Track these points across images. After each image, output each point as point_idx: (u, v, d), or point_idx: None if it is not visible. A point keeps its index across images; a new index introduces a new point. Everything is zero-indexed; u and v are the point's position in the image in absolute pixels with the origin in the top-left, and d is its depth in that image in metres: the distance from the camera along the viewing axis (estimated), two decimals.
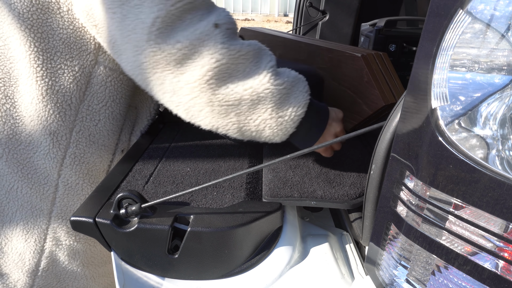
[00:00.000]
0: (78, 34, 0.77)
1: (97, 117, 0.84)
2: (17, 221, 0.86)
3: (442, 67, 0.42)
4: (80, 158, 0.84)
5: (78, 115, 0.81)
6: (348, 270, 0.69)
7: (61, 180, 0.84)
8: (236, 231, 0.62)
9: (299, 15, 2.21)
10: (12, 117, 0.80)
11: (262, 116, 0.65)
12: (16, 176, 0.83)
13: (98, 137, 0.85)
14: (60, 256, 0.89)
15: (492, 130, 0.39)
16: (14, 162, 0.82)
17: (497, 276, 0.40)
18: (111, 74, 0.82)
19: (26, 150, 0.82)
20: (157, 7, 0.59)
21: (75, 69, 0.78)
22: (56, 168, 0.83)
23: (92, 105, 0.82)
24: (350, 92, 0.98)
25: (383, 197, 0.53)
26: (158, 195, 0.68)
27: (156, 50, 0.60)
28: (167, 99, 0.66)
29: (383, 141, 0.54)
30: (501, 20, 0.37)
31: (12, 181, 0.83)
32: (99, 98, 0.82)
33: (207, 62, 0.60)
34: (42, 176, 0.83)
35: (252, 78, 0.62)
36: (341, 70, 0.99)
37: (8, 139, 0.81)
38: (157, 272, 0.66)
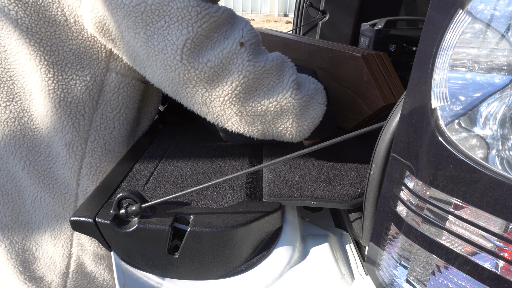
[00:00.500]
0: (87, 43, 0.77)
1: (112, 124, 0.84)
2: (44, 228, 0.88)
3: (442, 67, 0.42)
4: (96, 168, 0.83)
5: (92, 125, 0.82)
6: (348, 270, 0.69)
7: (80, 189, 0.84)
8: (236, 231, 0.62)
9: (299, 15, 2.21)
10: (31, 130, 0.81)
11: (284, 125, 0.72)
12: (39, 187, 0.83)
13: (114, 145, 0.85)
14: (86, 260, 0.90)
15: (492, 130, 0.39)
16: (36, 173, 0.83)
17: (497, 276, 0.40)
18: (123, 80, 0.82)
19: (46, 161, 0.83)
20: (186, 29, 0.63)
21: (87, 78, 0.78)
22: (75, 178, 0.83)
23: (106, 113, 0.82)
24: (350, 92, 0.98)
25: (383, 197, 0.53)
26: (158, 195, 0.69)
27: (190, 69, 0.64)
28: (197, 108, 0.72)
29: (383, 141, 0.54)
30: (501, 20, 0.37)
31: (35, 191, 0.84)
32: (112, 106, 0.83)
33: (236, 78, 0.65)
34: (62, 186, 0.84)
35: (276, 92, 0.68)
36: (341, 70, 0.99)
37: (28, 151, 0.82)
38: (157, 272, 0.66)
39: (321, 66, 1.06)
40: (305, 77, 0.75)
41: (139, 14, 0.64)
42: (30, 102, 0.80)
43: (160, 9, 0.63)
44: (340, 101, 1.02)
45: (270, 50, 1.21)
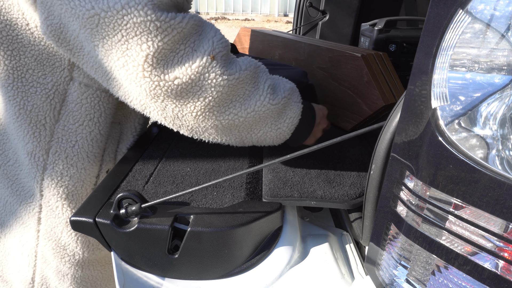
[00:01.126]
0: (50, 50, 0.73)
1: (74, 138, 0.78)
2: (14, 233, 0.86)
3: (442, 67, 0.42)
4: (58, 180, 0.79)
5: (53, 136, 0.77)
6: (348, 270, 0.69)
7: (43, 201, 0.80)
8: (236, 231, 0.62)
9: (299, 15, 2.21)
10: (1, 134, 0.80)
11: (262, 130, 0.70)
12: (7, 191, 0.82)
13: (77, 160, 0.79)
14: (50, 276, 0.87)
15: (492, 130, 0.39)
16: (5, 177, 0.82)
17: (497, 276, 0.40)
18: (86, 90, 0.76)
19: (13, 167, 0.81)
20: (145, 44, 0.57)
21: (48, 86, 0.74)
22: (38, 188, 0.79)
23: (68, 125, 0.77)
24: (350, 92, 0.98)
25: (383, 197, 0.53)
26: (158, 195, 0.68)
27: (156, 86, 0.59)
28: (169, 122, 0.67)
29: (383, 141, 0.54)
30: (501, 20, 0.37)
31: (5, 195, 0.83)
32: (75, 118, 0.77)
33: (209, 94, 0.61)
34: (28, 195, 0.81)
35: (253, 100, 0.66)
36: (341, 70, 0.99)
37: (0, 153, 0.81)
38: (157, 272, 0.66)
39: (321, 66, 1.06)
40: (277, 78, 0.73)
41: (94, 26, 0.58)
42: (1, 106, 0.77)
43: (114, 22, 0.56)
44: (340, 101, 1.02)
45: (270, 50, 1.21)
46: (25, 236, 0.85)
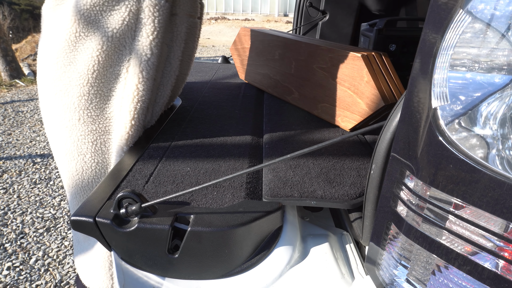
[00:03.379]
0: None
1: (149, 51, 0.88)
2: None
3: (442, 67, 0.42)
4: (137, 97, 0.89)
5: (132, 53, 0.88)
6: (348, 270, 0.69)
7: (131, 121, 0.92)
8: (236, 231, 0.62)
9: (299, 15, 2.21)
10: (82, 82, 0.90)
11: None
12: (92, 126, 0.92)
13: (152, 73, 0.90)
14: None
15: (492, 130, 0.39)
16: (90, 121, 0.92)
17: (497, 275, 0.40)
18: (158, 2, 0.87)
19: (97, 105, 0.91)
20: None
21: (122, 10, 0.84)
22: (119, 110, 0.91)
23: (142, 40, 0.87)
24: (350, 92, 0.98)
25: (383, 197, 0.53)
26: (158, 195, 0.68)
27: None
28: None
29: (383, 141, 0.54)
30: (501, 20, 0.37)
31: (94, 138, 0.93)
32: (147, 31, 0.87)
33: None
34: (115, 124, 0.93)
35: None
36: (342, 70, 0.99)
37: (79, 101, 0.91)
38: (157, 272, 0.66)
39: (322, 66, 1.06)
40: None
41: None
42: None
43: None
44: (340, 101, 1.02)
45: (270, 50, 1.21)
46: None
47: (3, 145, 3.48)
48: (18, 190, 2.74)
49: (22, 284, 1.88)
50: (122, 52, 0.86)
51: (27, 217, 2.42)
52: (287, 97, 1.25)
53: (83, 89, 0.88)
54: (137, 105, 0.89)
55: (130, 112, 0.89)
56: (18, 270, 1.97)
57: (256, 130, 1.00)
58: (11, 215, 2.44)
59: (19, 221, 2.38)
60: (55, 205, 2.57)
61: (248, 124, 1.04)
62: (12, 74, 5.68)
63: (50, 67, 0.90)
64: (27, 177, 2.92)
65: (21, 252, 2.11)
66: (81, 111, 0.89)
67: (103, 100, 0.90)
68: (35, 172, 3.01)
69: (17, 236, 2.24)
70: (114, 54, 0.86)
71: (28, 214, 2.45)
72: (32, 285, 1.88)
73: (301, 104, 1.19)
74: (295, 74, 1.19)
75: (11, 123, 4.01)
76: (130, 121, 0.89)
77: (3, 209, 2.50)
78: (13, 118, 4.17)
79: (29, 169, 3.04)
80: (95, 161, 0.94)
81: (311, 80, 1.12)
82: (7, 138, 3.64)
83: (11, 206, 2.54)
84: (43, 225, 2.35)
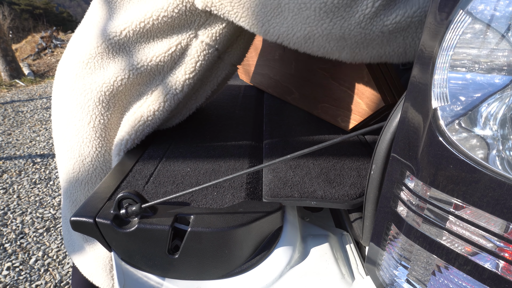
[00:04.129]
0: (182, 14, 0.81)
1: (180, 87, 0.88)
2: None
3: (443, 67, 0.42)
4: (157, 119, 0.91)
5: (163, 82, 0.88)
6: (348, 270, 0.69)
7: None
8: (236, 231, 0.62)
9: None
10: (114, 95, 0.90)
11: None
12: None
13: (175, 106, 0.91)
14: None
15: (493, 130, 0.39)
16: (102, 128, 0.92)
17: (498, 276, 0.40)
18: (206, 48, 0.87)
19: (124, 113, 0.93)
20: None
21: (172, 41, 0.84)
22: None
23: (179, 75, 0.87)
24: (350, 92, 0.98)
25: (383, 197, 0.53)
26: (158, 195, 0.68)
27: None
28: (332, 45, 0.69)
29: (383, 141, 0.54)
30: (501, 20, 0.37)
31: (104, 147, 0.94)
32: (186, 69, 0.87)
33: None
34: None
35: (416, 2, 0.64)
36: (342, 70, 0.99)
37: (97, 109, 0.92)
38: (157, 272, 0.66)
39: (322, 66, 1.06)
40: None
41: None
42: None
43: None
44: (340, 101, 1.02)
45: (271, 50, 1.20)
46: None
47: (3, 145, 3.48)
48: (18, 190, 2.74)
49: (22, 284, 1.88)
50: (155, 77, 0.87)
51: (27, 217, 2.42)
52: (287, 97, 1.25)
53: (103, 97, 0.88)
54: (145, 128, 0.90)
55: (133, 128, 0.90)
56: (18, 270, 1.97)
57: (256, 130, 1.00)
58: (11, 215, 2.44)
59: (19, 221, 2.38)
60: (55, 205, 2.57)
61: (248, 124, 1.04)
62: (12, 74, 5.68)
63: (76, 63, 0.89)
64: (27, 177, 2.92)
65: (21, 252, 2.11)
66: (93, 116, 0.90)
67: (119, 111, 0.91)
68: (35, 172, 3.01)
69: (17, 236, 2.24)
70: (146, 76, 0.86)
71: (28, 214, 2.45)
72: (32, 285, 1.88)
73: (301, 104, 1.19)
74: (295, 74, 1.18)
75: (11, 123, 4.01)
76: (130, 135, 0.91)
77: (3, 209, 2.50)
78: (13, 118, 4.17)
79: (29, 169, 3.04)
80: (93, 166, 0.94)
81: (312, 80, 1.11)
82: (7, 138, 3.64)
83: (11, 206, 2.54)
84: (43, 225, 2.35)
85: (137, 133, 0.90)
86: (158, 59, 0.84)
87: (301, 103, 1.19)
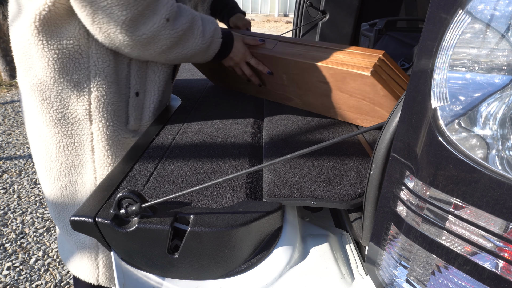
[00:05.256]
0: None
1: (107, 57, 0.92)
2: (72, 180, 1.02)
3: (442, 67, 0.42)
4: (104, 99, 0.94)
5: (90, 61, 0.91)
6: (348, 270, 0.70)
7: (93, 127, 0.95)
8: (236, 231, 0.62)
9: (299, 15, 2.21)
10: (40, 84, 0.91)
11: (197, 58, 0.99)
12: (59, 137, 0.96)
13: (115, 76, 0.95)
14: None
15: (492, 130, 0.39)
16: (52, 124, 0.94)
17: (497, 276, 0.40)
18: None
19: (58, 110, 0.93)
20: (126, 11, 0.79)
21: (73, 22, 0.87)
22: (87, 115, 0.94)
23: (99, 48, 0.91)
24: (366, 102, 0.93)
25: (383, 197, 0.53)
26: (158, 195, 0.69)
27: (128, 40, 0.84)
28: (134, 56, 0.93)
29: (383, 141, 0.54)
30: (501, 20, 0.37)
31: (57, 141, 0.96)
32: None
33: (164, 43, 0.88)
34: (79, 129, 0.95)
35: (190, 43, 0.93)
36: (350, 85, 0.92)
37: (41, 104, 0.93)
38: (157, 272, 0.66)
39: (322, 81, 0.98)
40: (205, 20, 0.96)
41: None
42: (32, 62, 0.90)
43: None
44: (355, 108, 0.97)
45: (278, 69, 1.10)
46: (84, 175, 1.00)
47: (3, 145, 3.48)
48: (18, 190, 2.74)
49: (22, 284, 1.88)
50: (79, 60, 0.90)
51: (27, 217, 2.42)
52: (287, 103, 1.19)
53: (44, 94, 0.91)
54: (107, 108, 0.94)
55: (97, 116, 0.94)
56: (18, 270, 1.97)
57: (256, 130, 1.00)
58: (11, 215, 2.44)
59: (19, 221, 2.38)
60: None
61: (248, 124, 1.04)
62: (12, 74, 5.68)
63: (18, 68, 0.94)
64: (27, 177, 2.92)
65: (21, 252, 2.11)
66: (43, 115, 0.93)
67: (64, 105, 0.93)
68: (35, 172, 3.01)
69: (17, 236, 2.24)
70: (69, 62, 0.89)
71: (28, 214, 2.45)
72: (32, 285, 1.88)
73: (307, 108, 1.14)
74: (291, 85, 1.09)
75: (11, 123, 4.01)
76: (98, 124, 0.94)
77: (3, 209, 2.50)
78: (13, 118, 4.17)
79: (29, 169, 3.04)
80: (59, 161, 0.99)
81: (313, 91, 1.04)
82: (7, 138, 3.64)
83: (11, 206, 2.54)
84: (43, 225, 2.35)
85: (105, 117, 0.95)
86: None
87: (307, 108, 1.14)
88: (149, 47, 0.87)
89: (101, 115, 0.94)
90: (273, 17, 13.14)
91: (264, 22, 12.46)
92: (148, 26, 0.82)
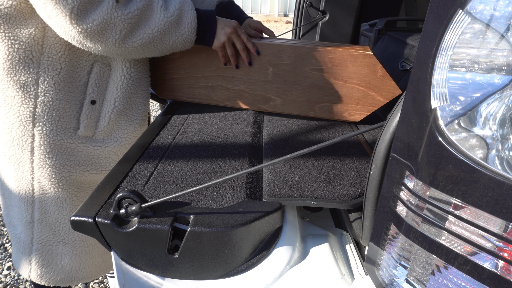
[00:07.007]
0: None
1: (58, 66, 0.91)
2: (9, 175, 0.98)
3: (442, 67, 0.42)
4: (49, 105, 0.92)
5: (41, 67, 0.90)
6: (348, 270, 0.70)
7: (36, 129, 0.93)
8: (236, 231, 0.62)
9: (299, 15, 2.21)
10: None
11: (171, 39, 0.91)
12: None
13: (63, 85, 0.93)
14: (49, 206, 0.98)
15: (492, 130, 0.39)
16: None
17: (497, 276, 0.40)
18: None
19: (1, 109, 0.92)
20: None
21: (29, 25, 0.86)
22: (31, 118, 0.92)
23: (52, 56, 0.90)
24: (359, 88, 1.00)
25: (383, 197, 0.53)
26: (158, 195, 0.69)
27: (81, 29, 0.79)
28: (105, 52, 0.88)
29: (383, 141, 0.54)
30: (500, 20, 0.37)
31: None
32: (56, 49, 0.90)
33: (121, 27, 0.82)
34: (19, 129, 0.93)
35: (153, 20, 0.86)
36: (348, 68, 0.99)
37: None
38: (157, 272, 0.66)
39: (318, 68, 1.02)
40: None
41: None
42: None
43: None
44: (347, 97, 1.03)
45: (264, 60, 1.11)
46: (20, 173, 0.97)
47: None
48: None
49: (22, 284, 1.88)
50: (28, 65, 0.89)
51: None
52: (262, 106, 1.12)
53: None
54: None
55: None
56: None
57: (256, 130, 1.01)
58: None
59: None
60: None
61: (248, 124, 1.04)
62: None
63: None
64: None
65: None
66: None
67: (7, 103, 0.92)
68: None
69: None
70: (18, 65, 0.88)
71: None
72: (32, 285, 1.88)
73: (287, 109, 1.10)
74: (275, 81, 1.08)
75: None
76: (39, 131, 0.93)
77: None
78: None
79: None
80: (7, 155, 0.98)
81: (302, 84, 1.05)
82: None
83: None
84: None
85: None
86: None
87: (287, 109, 1.10)
88: (107, 35, 0.82)
89: (45, 119, 0.93)
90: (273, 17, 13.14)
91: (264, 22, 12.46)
92: (97, 11, 0.78)
